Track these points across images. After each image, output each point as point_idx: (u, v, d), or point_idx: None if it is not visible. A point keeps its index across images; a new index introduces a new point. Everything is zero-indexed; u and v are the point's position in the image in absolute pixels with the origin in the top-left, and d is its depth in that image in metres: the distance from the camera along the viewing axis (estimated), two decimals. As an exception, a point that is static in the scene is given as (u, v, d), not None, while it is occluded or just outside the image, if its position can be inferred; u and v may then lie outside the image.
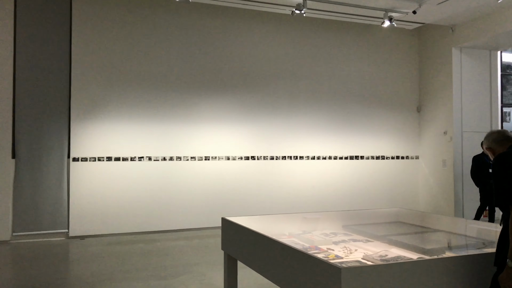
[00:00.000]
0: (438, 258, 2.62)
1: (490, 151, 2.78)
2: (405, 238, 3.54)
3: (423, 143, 10.01)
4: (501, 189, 2.36)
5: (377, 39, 9.77)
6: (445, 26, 9.38)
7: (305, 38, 9.17)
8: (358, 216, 4.49)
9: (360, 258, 2.93)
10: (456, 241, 3.55)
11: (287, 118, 8.96)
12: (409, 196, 9.89)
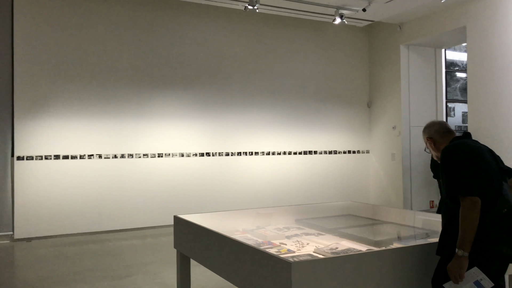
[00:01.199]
0: (386, 249, 2.71)
1: (430, 141, 2.79)
2: (355, 231, 3.63)
3: (374, 137, 10.32)
4: (453, 181, 2.41)
5: (330, 36, 9.95)
6: (393, 24, 9.68)
7: (259, 34, 9.19)
8: (310, 210, 4.56)
9: (311, 252, 2.97)
10: (403, 232, 3.67)
11: (242, 114, 8.95)
12: (360, 189, 10.17)
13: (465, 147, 2.50)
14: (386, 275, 2.49)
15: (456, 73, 12.50)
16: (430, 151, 2.86)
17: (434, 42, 9.69)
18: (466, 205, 2.32)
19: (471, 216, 2.30)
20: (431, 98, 10.05)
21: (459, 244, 2.32)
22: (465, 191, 2.34)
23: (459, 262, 2.31)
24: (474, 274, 2.34)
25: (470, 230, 2.29)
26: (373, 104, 10.38)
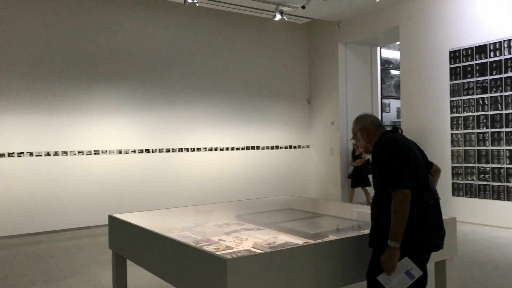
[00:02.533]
0: (322, 242, 2.75)
1: (363, 131, 2.76)
2: (293, 224, 3.67)
3: (313, 132, 10.55)
4: (385, 174, 2.45)
5: (271, 33, 10.02)
6: (332, 22, 9.93)
7: (200, 29, 9.07)
8: (251, 205, 4.57)
9: (250, 247, 2.97)
10: (340, 225, 3.77)
11: (183, 109, 8.81)
12: (301, 183, 10.37)
13: (396, 141, 2.56)
14: (323, 267, 2.54)
15: (390, 71, 13.06)
16: (357, 142, 2.84)
17: (369, 41, 10.05)
18: (398, 198, 2.38)
19: (402, 208, 2.36)
20: (367, 95, 10.43)
21: (391, 236, 2.37)
22: (396, 184, 2.39)
23: (391, 254, 2.37)
24: (405, 264, 2.41)
25: (402, 222, 2.36)
26: (313, 100, 10.60)
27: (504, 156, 6.95)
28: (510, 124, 6.86)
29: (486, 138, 7.19)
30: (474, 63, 7.37)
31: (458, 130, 7.60)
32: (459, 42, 7.60)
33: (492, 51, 7.11)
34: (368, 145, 2.78)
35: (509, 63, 6.88)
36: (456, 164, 7.63)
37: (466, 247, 5.86)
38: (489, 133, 7.15)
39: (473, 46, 7.38)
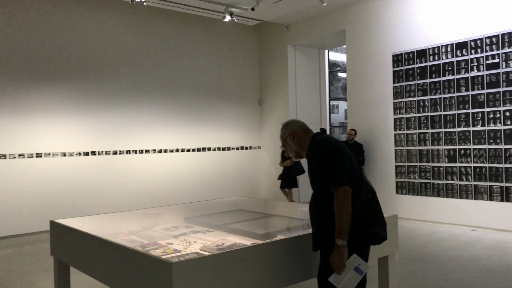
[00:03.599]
0: (270, 241, 2.77)
1: (293, 136, 2.76)
2: (243, 225, 3.68)
3: (264, 133, 10.64)
4: (325, 173, 2.47)
5: (221, 34, 10.00)
6: (281, 25, 10.06)
7: (149, 29, 8.89)
8: (200, 208, 4.53)
9: (198, 250, 2.95)
10: (288, 224, 3.82)
11: (131, 110, 8.60)
12: (252, 184, 10.42)
13: (330, 141, 2.60)
14: (271, 266, 2.56)
15: (338, 73, 13.43)
16: (287, 147, 2.83)
17: (318, 43, 10.28)
18: (340, 195, 2.40)
19: (345, 205, 2.39)
20: (316, 96, 10.66)
21: (338, 234, 2.39)
22: (337, 182, 2.42)
23: (340, 252, 2.39)
24: (354, 261, 2.44)
25: (346, 219, 2.39)
26: (264, 102, 10.69)
27: (443, 155, 7.33)
28: (449, 125, 7.25)
29: (426, 138, 7.55)
30: (415, 66, 7.72)
31: (401, 131, 7.93)
32: (401, 47, 7.94)
33: (432, 55, 7.48)
34: (299, 149, 2.79)
35: (447, 67, 7.26)
36: (399, 163, 7.96)
37: (409, 242, 6.12)
38: (429, 133, 7.52)
39: (414, 51, 7.73)
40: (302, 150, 2.77)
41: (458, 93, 7.12)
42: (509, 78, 6.51)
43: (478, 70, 6.87)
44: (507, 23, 6.54)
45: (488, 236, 6.35)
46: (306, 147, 2.72)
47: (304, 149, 2.75)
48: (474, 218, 6.88)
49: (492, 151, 6.70)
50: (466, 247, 5.74)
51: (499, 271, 4.71)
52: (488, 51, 6.75)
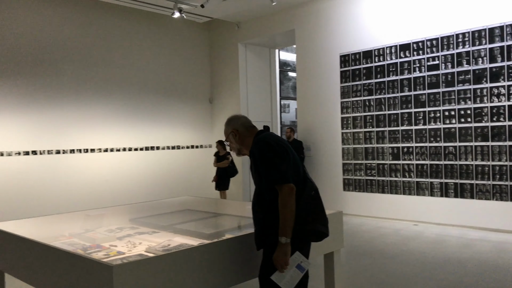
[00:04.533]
0: (216, 241, 2.74)
1: (236, 133, 2.74)
2: (190, 226, 3.63)
3: (215, 132, 10.57)
4: (270, 171, 2.45)
5: (171, 30, 9.83)
6: (232, 23, 10.03)
7: (95, 24, 8.57)
8: (147, 208, 4.42)
9: (143, 251, 2.86)
10: (237, 223, 3.81)
11: (75, 107, 8.26)
12: (203, 183, 10.31)
13: (274, 138, 2.61)
14: (218, 266, 2.54)
15: (288, 73, 13.58)
16: (230, 144, 2.82)
17: (268, 43, 10.34)
18: (285, 193, 2.40)
19: (290, 203, 2.40)
20: (267, 95, 10.72)
21: (282, 232, 2.38)
22: (282, 180, 2.42)
23: (284, 250, 2.38)
24: (296, 259, 2.45)
25: (291, 216, 2.39)
26: (215, 100, 10.62)
27: (387, 153, 7.59)
28: (393, 123, 7.52)
29: (372, 137, 7.80)
30: (361, 67, 7.94)
31: (348, 130, 8.14)
32: (348, 47, 8.14)
33: (377, 56, 7.72)
34: (241, 147, 2.77)
35: (391, 67, 7.53)
36: (346, 161, 8.17)
37: (355, 238, 6.30)
38: (374, 132, 7.77)
39: (360, 51, 7.95)
40: (244, 148, 2.76)
41: (401, 93, 7.40)
42: (448, 79, 6.85)
43: (420, 71, 7.17)
44: (446, 27, 6.87)
45: (429, 230, 6.65)
46: (249, 144, 2.71)
47: (247, 147, 2.73)
48: (416, 213, 7.18)
49: (433, 149, 7.03)
50: (409, 241, 5.99)
51: (438, 263, 4.94)
52: (429, 53, 7.07)
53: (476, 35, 6.57)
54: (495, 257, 5.08)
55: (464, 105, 6.68)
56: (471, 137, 6.62)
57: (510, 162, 6.25)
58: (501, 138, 6.34)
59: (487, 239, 5.96)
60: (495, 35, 6.40)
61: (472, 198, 6.61)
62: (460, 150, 6.72)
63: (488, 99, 6.45)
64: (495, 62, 6.39)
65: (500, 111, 6.34)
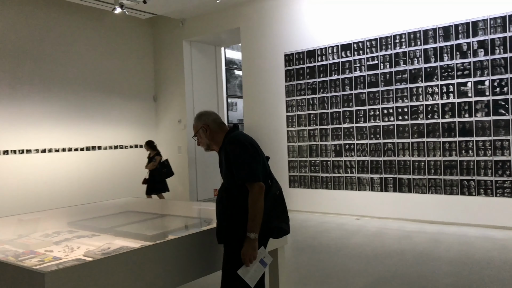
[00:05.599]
0: (158, 243, 2.69)
1: (206, 129, 2.75)
2: (132, 228, 3.53)
3: (160, 131, 10.38)
4: (242, 169, 2.52)
5: (113, 26, 9.51)
6: (176, 19, 9.87)
7: (32, 16, 8.11)
8: (87, 210, 4.25)
9: (81, 256, 2.75)
10: (180, 224, 3.76)
11: (7, 105, 7.78)
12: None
13: (246, 137, 2.68)
14: (160, 268, 2.50)
15: (235, 71, 13.58)
16: (199, 139, 2.82)
17: (214, 40, 10.28)
18: (255, 191, 2.49)
19: (260, 200, 2.49)
20: (213, 93, 10.67)
21: (251, 228, 2.46)
22: (253, 178, 2.50)
23: (253, 245, 2.46)
24: (260, 254, 2.54)
25: (260, 213, 2.48)
26: (159, 98, 10.42)
27: (330, 150, 7.80)
28: (335, 121, 7.72)
29: (316, 134, 7.98)
30: (305, 66, 8.09)
31: (293, 128, 8.27)
32: (292, 47, 8.26)
33: (320, 56, 7.90)
34: (211, 143, 2.79)
35: (333, 67, 7.73)
36: (291, 158, 8.30)
37: (300, 234, 6.41)
38: (318, 129, 7.94)
39: (304, 51, 8.10)
40: (213, 144, 2.79)
41: (343, 92, 7.62)
42: (387, 78, 7.14)
43: (360, 71, 7.42)
44: (384, 28, 7.15)
45: (370, 223, 6.90)
46: (218, 141, 2.75)
47: (217, 143, 2.77)
48: (358, 207, 7.43)
49: (373, 146, 7.30)
50: (351, 236, 6.18)
51: (379, 255, 5.14)
52: (369, 53, 7.33)
53: (412, 37, 6.89)
54: (431, 248, 5.37)
55: (402, 103, 6.99)
56: (408, 134, 6.94)
57: (444, 157, 6.62)
58: (435, 134, 6.69)
59: (423, 230, 6.28)
60: (429, 36, 6.74)
61: (410, 192, 6.93)
62: (398, 146, 7.04)
63: (423, 98, 6.79)
64: (429, 62, 6.73)
65: (434, 109, 6.69)
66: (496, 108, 6.20)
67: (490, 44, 6.23)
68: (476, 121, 6.35)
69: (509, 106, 6.10)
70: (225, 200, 2.64)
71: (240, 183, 2.54)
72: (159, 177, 8.36)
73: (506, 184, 6.14)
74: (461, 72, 6.46)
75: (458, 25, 6.48)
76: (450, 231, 6.17)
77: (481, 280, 4.17)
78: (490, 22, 6.23)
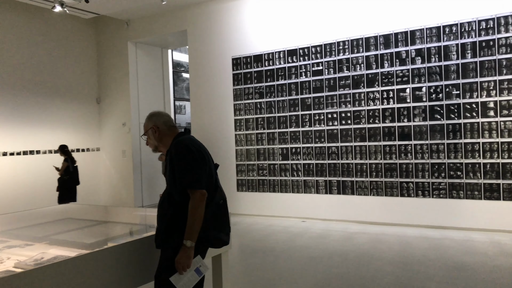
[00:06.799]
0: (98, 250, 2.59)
1: (156, 130, 2.71)
2: (70, 236, 3.38)
3: (104, 134, 10.05)
4: (185, 174, 2.47)
5: (54, 25, 9.10)
6: (121, 20, 9.61)
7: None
8: (21, 218, 4.02)
9: (11, 267, 2.59)
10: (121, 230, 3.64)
11: None
12: (91, 189, 9.73)
13: (194, 143, 2.62)
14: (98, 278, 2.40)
15: (182, 73, 13.41)
16: (148, 139, 2.77)
17: (160, 42, 10.11)
18: (197, 198, 2.44)
19: (200, 208, 2.44)
20: (160, 96, 10.48)
21: (188, 235, 2.40)
22: (196, 185, 2.45)
23: (188, 253, 2.41)
24: (196, 262, 2.49)
25: (199, 222, 2.43)
26: (103, 100, 10.09)
27: (277, 153, 7.88)
28: (282, 125, 7.82)
29: (263, 138, 8.04)
30: (252, 70, 8.14)
31: (241, 131, 8.29)
32: (240, 51, 8.29)
33: (267, 60, 7.98)
34: (159, 144, 2.75)
35: (280, 72, 7.83)
36: (239, 162, 8.31)
37: (247, 237, 6.42)
38: (265, 133, 8.01)
39: (251, 55, 8.15)
40: (162, 146, 2.74)
41: (289, 97, 7.73)
42: (331, 84, 7.32)
43: (306, 76, 7.56)
44: (328, 35, 7.34)
45: (315, 225, 7.04)
46: (167, 143, 2.70)
47: (165, 146, 2.72)
48: (304, 210, 7.56)
49: (318, 149, 7.46)
50: (297, 238, 6.27)
51: (323, 257, 5.25)
52: (314, 59, 7.49)
53: (355, 44, 7.12)
54: (373, 248, 5.55)
55: (345, 108, 7.20)
56: (351, 138, 7.16)
57: (384, 160, 6.88)
58: (376, 138, 6.95)
59: (366, 231, 6.49)
60: (370, 44, 7.00)
61: (353, 194, 7.14)
62: (342, 150, 7.24)
63: (365, 103, 7.03)
64: (370, 69, 6.99)
65: (375, 114, 6.95)
66: (432, 113, 6.53)
67: (427, 53, 6.57)
68: (414, 125, 6.66)
69: (444, 111, 6.45)
70: (166, 205, 2.58)
71: (181, 188, 2.49)
72: (63, 184, 7.79)
73: (442, 186, 6.47)
74: (400, 79, 6.76)
75: (398, 34, 6.78)
76: (390, 231, 6.41)
77: (418, 278, 4.37)
78: (427, 31, 6.57)
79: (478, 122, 6.23)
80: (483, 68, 6.20)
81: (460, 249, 5.33)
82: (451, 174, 6.42)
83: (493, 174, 6.15)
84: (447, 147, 6.44)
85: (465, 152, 6.32)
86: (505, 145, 6.06)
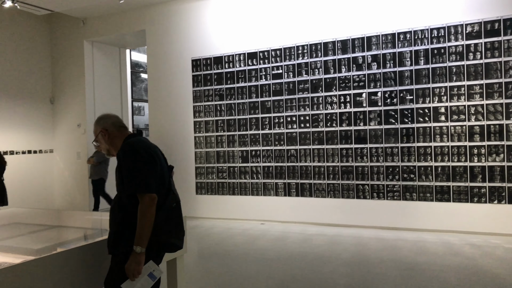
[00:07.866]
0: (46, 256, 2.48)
1: (105, 133, 2.65)
2: (16, 241, 3.22)
3: (58, 135, 9.69)
4: (133, 178, 2.39)
5: (3, 21, 8.69)
6: (77, 18, 9.33)
7: None
8: (-37, 224, 3.80)
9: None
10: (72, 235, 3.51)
11: None
12: (44, 193, 9.37)
13: (144, 145, 2.54)
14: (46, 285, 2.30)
15: (141, 74, 13.16)
16: (100, 144, 2.70)
17: (118, 42, 9.88)
18: (145, 202, 2.36)
19: (150, 213, 2.36)
20: (117, 97, 10.23)
21: (137, 241, 2.33)
22: (145, 189, 2.37)
23: (137, 259, 2.34)
24: (149, 267, 2.42)
25: (149, 226, 2.35)
26: (57, 100, 9.74)
27: (237, 156, 7.87)
28: (242, 128, 7.82)
29: (223, 141, 8.00)
30: (212, 72, 8.10)
31: (201, 133, 8.22)
32: (200, 52, 8.23)
33: (227, 63, 7.96)
34: (110, 148, 2.67)
35: (240, 74, 7.83)
36: (199, 164, 8.23)
37: (206, 241, 6.36)
38: (225, 136, 7.98)
39: (211, 57, 8.10)
40: (113, 149, 2.66)
41: (249, 99, 7.75)
42: (290, 87, 7.39)
43: (266, 79, 7.60)
44: (288, 39, 7.41)
45: (274, 228, 7.07)
46: (118, 146, 2.61)
47: (116, 148, 2.63)
48: (263, 212, 7.58)
49: (277, 152, 7.50)
50: (256, 240, 6.27)
51: (281, 259, 5.27)
52: (274, 63, 7.54)
53: (313, 48, 7.23)
54: (330, 250, 5.63)
55: (304, 112, 7.29)
56: (309, 140, 7.25)
57: (341, 163, 7.01)
58: (333, 141, 7.07)
59: (323, 233, 6.58)
60: (328, 49, 7.12)
61: (311, 196, 7.24)
62: (300, 152, 7.32)
63: (323, 107, 7.14)
64: (328, 73, 7.11)
65: (333, 117, 7.07)
66: (387, 117, 6.72)
67: (382, 58, 6.76)
68: (370, 129, 6.83)
69: (398, 116, 6.66)
70: (116, 209, 2.51)
71: (130, 192, 2.42)
72: None
73: (396, 188, 6.67)
74: (357, 84, 6.92)
75: (355, 39, 6.94)
76: (347, 233, 6.53)
77: (373, 279, 4.46)
78: (382, 38, 6.76)
79: (430, 127, 6.47)
80: (435, 75, 6.45)
81: (413, 250, 5.51)
82: (405, 177, 6.62)
83: (444, 176, 6.39)
84: (401, 150, 6.64)
85: (418, 156, 6.55)
86: (455, 149, 6.32)
